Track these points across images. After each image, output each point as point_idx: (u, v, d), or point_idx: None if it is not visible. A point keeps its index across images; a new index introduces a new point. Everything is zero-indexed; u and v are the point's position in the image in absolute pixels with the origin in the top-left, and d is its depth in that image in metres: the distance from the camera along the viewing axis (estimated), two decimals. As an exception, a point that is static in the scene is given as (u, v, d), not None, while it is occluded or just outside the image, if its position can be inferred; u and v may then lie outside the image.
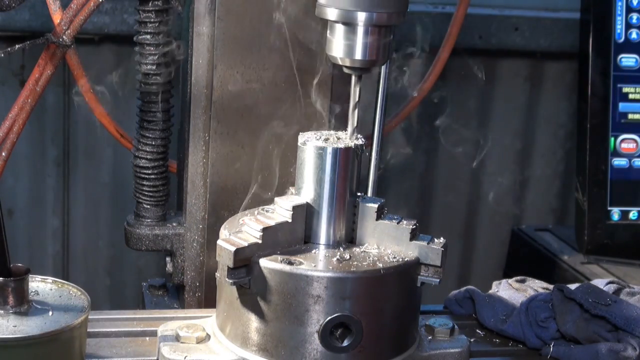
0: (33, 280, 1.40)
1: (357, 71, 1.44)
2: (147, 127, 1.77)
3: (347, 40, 1.41)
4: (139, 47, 1.73)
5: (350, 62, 1.42)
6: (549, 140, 3.15)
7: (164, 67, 1.74)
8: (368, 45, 1.41)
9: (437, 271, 1.42)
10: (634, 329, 1.55)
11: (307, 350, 1.37)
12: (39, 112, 2.75)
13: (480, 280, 3.03)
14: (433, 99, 3.02)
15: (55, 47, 1.66)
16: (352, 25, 1.40)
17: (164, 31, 1.72)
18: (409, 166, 3.07)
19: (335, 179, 1.42)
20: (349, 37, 1.41)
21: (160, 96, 1.75)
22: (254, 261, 1.37)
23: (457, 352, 1.50)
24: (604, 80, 2.37)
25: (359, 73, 1.44)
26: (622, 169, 2.39)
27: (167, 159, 1.82)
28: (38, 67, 1.68)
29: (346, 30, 1.41)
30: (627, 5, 2.38)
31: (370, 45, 1.41)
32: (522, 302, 1.67)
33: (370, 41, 1.40)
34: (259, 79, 1.72)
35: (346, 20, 1.39)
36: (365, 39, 1.40)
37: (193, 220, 1.78)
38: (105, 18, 2.66)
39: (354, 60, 1.42)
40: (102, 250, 2.94)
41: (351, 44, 1.41)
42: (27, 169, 2.80)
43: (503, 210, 3.18)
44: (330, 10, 1.40)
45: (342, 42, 1.41)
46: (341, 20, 1.40)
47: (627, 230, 2.39)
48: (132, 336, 1.55)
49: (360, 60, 1.42)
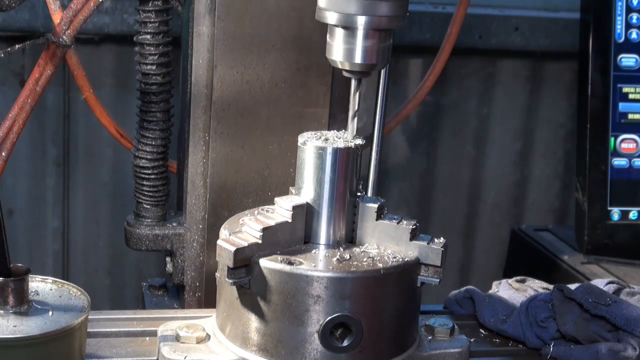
0: (33, 280, 1.40)
1: (356, 75, 1.44)
2: (147, 127, 1.77)
3: (346, 44, 1.41)
4: (139, 47, 1.73)
5: (350, 65, 1.42)
6: (549, 140, 3.15)
7: (164, 67, 1.74)
8: (368, 49, 1.40)
9: (437, 271, 1.42)
10: (634, 329, 1.55)
11: (307, 350, 1.37)
12: (39, 112, 2.75)
13: (480, 280, 3.03)
14: (433, 99, 3.03)
15: (55, 47, 1.66)
16: (351, 29, 1.40)
17: (164, 31, 1.72)
18: (409, 166, 3.07)
19: (335, 179, 1.42)
20: (348, 41, 1.41)
21: (160, 96, 1.76)
22: (254, 261, 1.37)
23: (457, 352, 1.50)
24: (604, 80, 2.37)
25: (359, 77, 1.44)
26: (622, 169, 2.39)
27: (167, 159, 1.82)
28: (38, 67, 1.68)
29: (346, 34, 1.40)
30: (627, 5, 2.38)
31: (369, 49, 1.41)
32: (522, 302, 1.67)
33: (369, 45, 1.40)
34: (259, 79, 1.72)
35: (346, 24, 1.39)
36: (364, 42, 1.40)
37: (193, 220, 1.78)
38: (105, 18, 2.66)
39: (354, 64, 1.42)
40: (102, 250, 2.94)
41: (351, 48, 1.41)
42: (27, 169, 2.80)
43: (503, 210, 3.18)
44: (330, 14, 1.40)
45: (342, 45, 1.41)
46: (341, 24, 1.40)
47: (627, 230, 2.39)
48: (132, 336, 1.54)
49: (360, 64, 1.42)
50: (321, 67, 1.73)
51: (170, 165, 1.85)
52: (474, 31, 2.91)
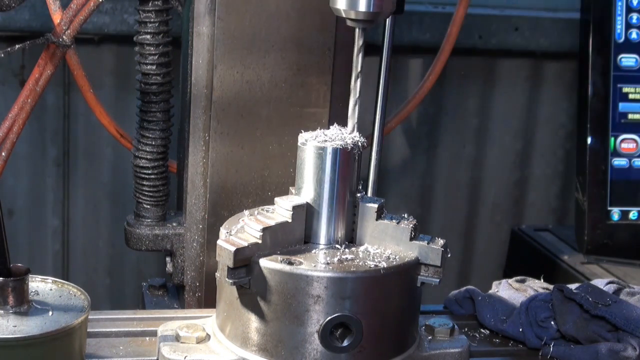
0: (33, 280, 1.40)
1: (361, 24, 1.42)
2: (147, 127, 1.77)
3: None
4: (139, 47, 1.73)
5: (354, 14, 1.41)
6: (549, 140, 3.15)
7: (164, 67, 1.74)
8: None
9: (437, 271, 1.42)
10: (634, 329, 1.55)
11: (307, 350, 1.37)
12: (39, 112, 2.75)
13: (480, 280, 3.03)
14: (433, 99, 3.03)
15: (55, 47, 1.66)
16: None
17: (164, 31, 1.73)
18: (409, 166, 3.07)
19: (335, 179, 1.42)
20: None
21: (160, 96, 1.76)
22: (254, 261, 1.37)
23: (457, 352, 1.50)
24: (604, 80, 2.37)
25: (363, 26, 1.43)
26: (622, 169, 2.39)
27: (167, 159, 1.82)
28: (38, 67, 1.68)
29: None
30: (627, 5, 2.39)
31: None
32: (522, 302, 1.67)
33: None
34: (259, 79, 1.72)
35: None
36: None
37: (193, 220, 1.78)
38: (105, 18, 2.66)
39: (358, 12, 1.40)
40: (102, 250, 2.94)
41: None
42: (27, 169, 2.80)
43: (503, 210, 3.18)
44: None
45: None
46: None
47: (627, 230, 2.39)
48: (132, 336, 1.55)
49: (364, 12, 1.40)
50: (321, 67, 1.73)
51: (170, 165, 1.85)
52: (474, 31, 2.91)
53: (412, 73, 2.98)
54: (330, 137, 1.44)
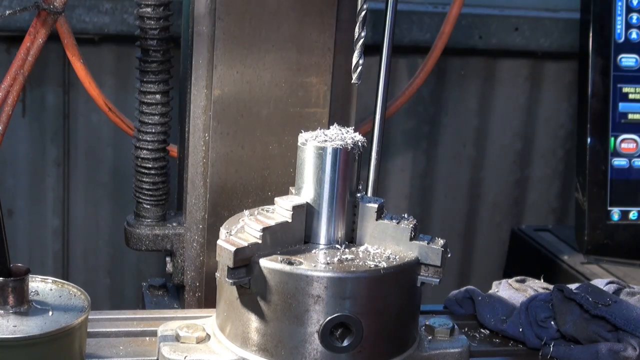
0: (33, 280, 1.40)
1: None
2: (146, 112, 1.77)
3: None
4: (139, 21, 1.72)
5: None
6: (549, 140, 3.15)
7: (164, 43, 1.73)
8: None
9: (437, 271, 1.42)
10: (634, 329, 1.55)
11: (307, 350, 1.37)
12: (39, 112, 2.75)
13: (480, 280, 3.03)
14: (433, 99, 3.03)
15: (46, 14, 1.61)
16: None
17: (165, 2, 1.72)
18: (409, 166, 3.07)
19: (335, 178, 1.42)
20: None
21: (159, 76, 1.75)
22: (254, 261, 1.37)
23: (457, 352, 1.50)
24: (604, 80, 2.37)
25: None
26: (622, 169, 2.39)
27: (167, 152, 1.82)
28: (29, 36, 1.63)
29: None
30: (627, 5, 2.39)
31: None
32: (522, 302, 1.67)
33: None
34: (259, 79, 1.72)
35: None
36: None
37: (193, 220, 1.78)
38: (105, 18, 2.66)
39: None
40: (102, 250, 2.94)
41: None
42: (27, 169, 2.80)
43: (503, 210, 3.18)
44: None
45: None
46: None
47: (627, 230, 2.40)
48: (132, 336, 1.55)
49: None
50: (321, 67, 1.73)
51: (170, 149, 1.84)
52: (474, 31, 2.91)
53: (412, 73, 2.98)
54: (330, 137, 1.44)
